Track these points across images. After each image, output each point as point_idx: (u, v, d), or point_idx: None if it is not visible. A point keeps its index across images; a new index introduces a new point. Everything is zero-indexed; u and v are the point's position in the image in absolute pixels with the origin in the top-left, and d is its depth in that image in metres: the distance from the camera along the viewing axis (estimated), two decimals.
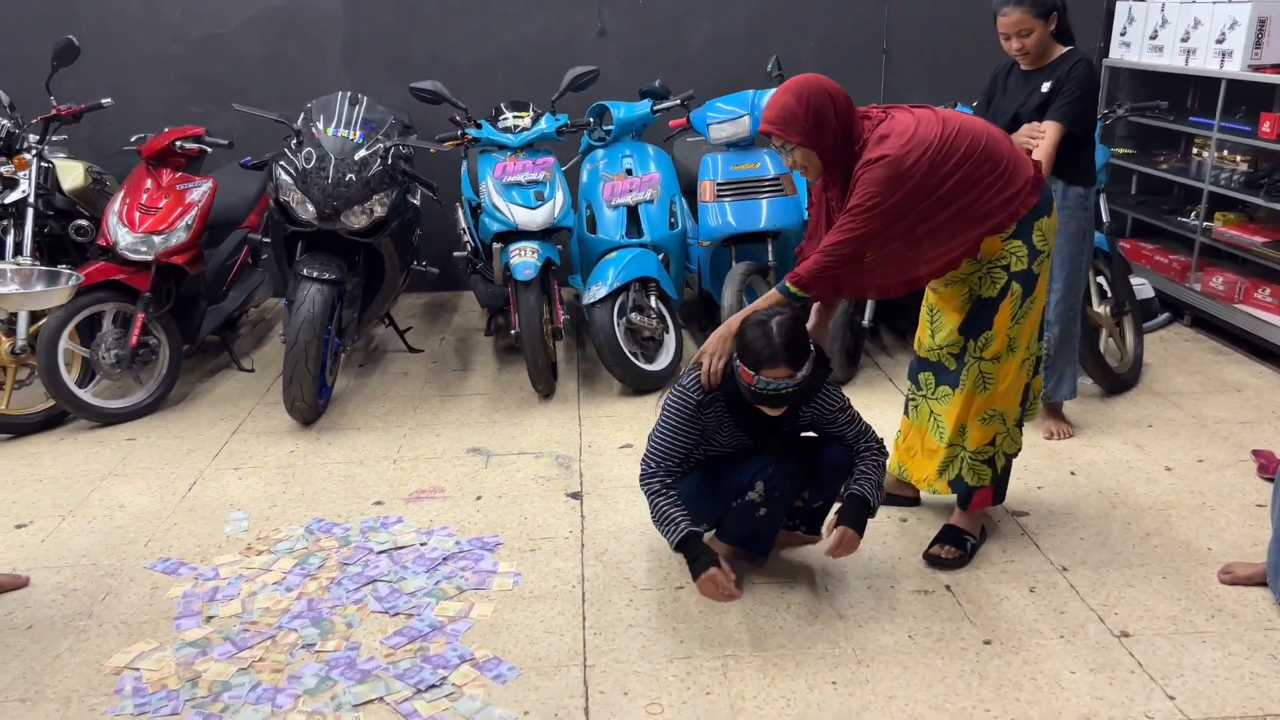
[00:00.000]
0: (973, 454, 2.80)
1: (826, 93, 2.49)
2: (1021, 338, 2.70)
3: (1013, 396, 2.77)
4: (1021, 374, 2.76)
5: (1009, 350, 2.70)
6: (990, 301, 2.66)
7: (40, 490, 3.41)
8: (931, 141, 2.47)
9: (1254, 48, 4.44)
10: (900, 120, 2.51)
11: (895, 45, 5.39)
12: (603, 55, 5.04)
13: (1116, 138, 5.53)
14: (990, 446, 2.80)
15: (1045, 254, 2.67)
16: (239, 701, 2.34)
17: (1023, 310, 2.66)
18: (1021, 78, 3.36)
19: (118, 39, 5.10)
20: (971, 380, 2.73)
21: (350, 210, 3.76)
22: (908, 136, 2.46)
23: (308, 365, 3.69)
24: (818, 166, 2.56)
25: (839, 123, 2.49)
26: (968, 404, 2.76)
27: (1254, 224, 4.70)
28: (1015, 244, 2.62)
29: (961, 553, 2.85)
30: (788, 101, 2.48)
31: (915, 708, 2.27)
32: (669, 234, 4.34)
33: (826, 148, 2.51)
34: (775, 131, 2.51)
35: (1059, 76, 3.22)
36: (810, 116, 2.47)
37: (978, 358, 2.71)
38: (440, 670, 2.43)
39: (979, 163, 2.51)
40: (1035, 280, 2.66)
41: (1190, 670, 2.39)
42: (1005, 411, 2.77)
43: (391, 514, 3.20)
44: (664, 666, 2.43)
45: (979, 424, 2.77)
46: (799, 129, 2.48)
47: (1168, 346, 4.62)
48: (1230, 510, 3.13)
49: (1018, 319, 2.67)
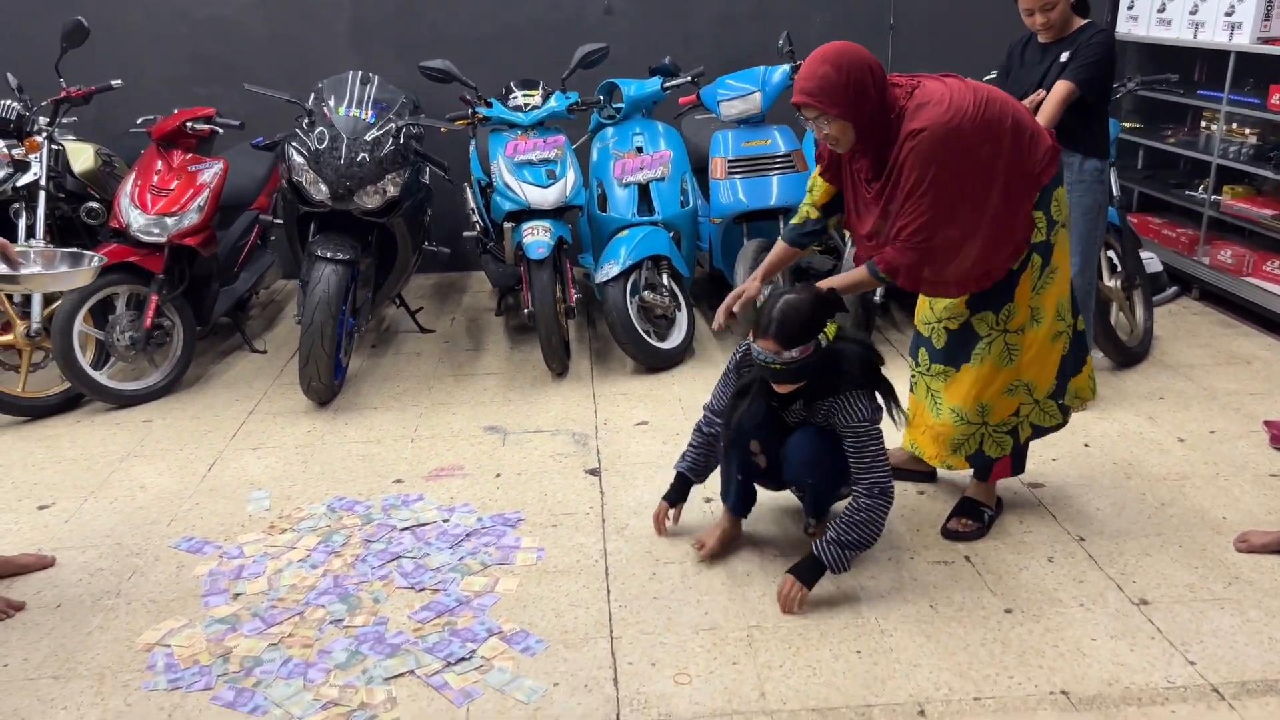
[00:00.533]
0: (995, 427, 2.78)
1: (865, 63, 2.43)
2: (1045, 308, 2.69)
3: (1040, 368, 2.74)
4: (1051, 346, 2.72)
5: (1033, 321, 2.69)
6: (1011, 273, 2.64)
7: (60, 472, 3.43)
8: (968, 107, 2.43)
9: (1263, 20, 4.43)
10: (932, 88, 2.47)
11: (901, 20, 5.37)
12: (610, 33, 5.02)
13: (1124, 112, 5.53)
14: (1014, 417, 2.78)
15: (1060, 224, 2.66)
16: (271, 676, 2.36)
17: (1042, 280, 2.66)
18: (1039, 50, 3.36)
19: (123, 20, 5.08)
20: (996, 353, 2.69)
21: (363, 190, 3.76)
22: (946, 104, 2.42)
23: (323, 345, 3.70)
24: (851, 139, 2.50)
25: (877, 94, 2.44)
26: (990, 379, 2.71)
27: (1262, 197, 4.71)
28: (1036, 214, 2.60)
29: (979, 525, 2.87)
30: (827, 72, 2.40)
31: (939, 675, 2.30)
32: (680, 212, 4.35)
33: (864, 120, 2.45)
34: (813, 103, 2.43)
35: (1079, 44, 3.23)
36: (851, 87, 2.40)
37: (1002, 330, 2.67)
38: (469, 644, 2.45)
39: (1013, 130, 2.49)
40: (1052, 250, 2.65)
41: (1210, 636, 2.42)
42: (1031, 382, 2.74)
43: (412, 492, 3.23)
44: (690, 638, 2.46)
45: (1004, 396, 2.74)
46: (839, 100, 2.41)
47: (1177, 320, 4.64)
48: (1244, 480, 3.16)
49: (1038, 289, 2.66)
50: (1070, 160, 3.28)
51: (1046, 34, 3.31)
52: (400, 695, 2.29)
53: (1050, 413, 2.82)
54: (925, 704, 2.22)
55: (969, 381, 2.73)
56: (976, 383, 2.73)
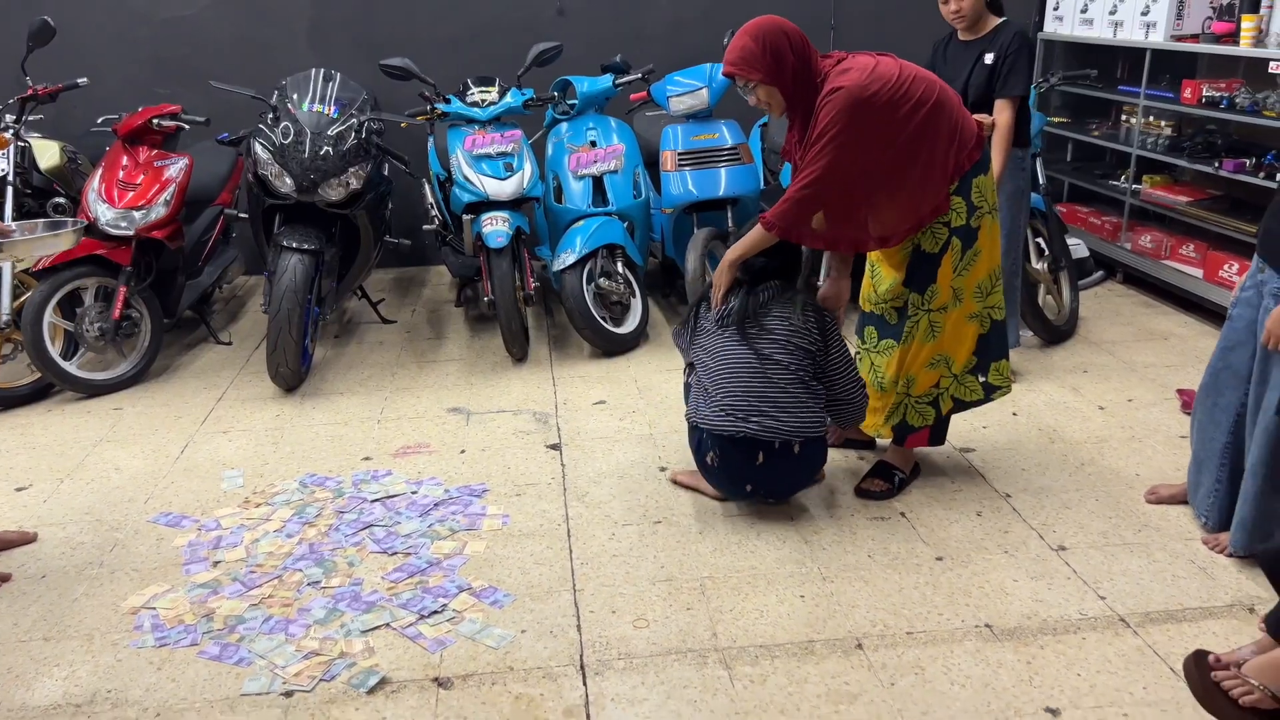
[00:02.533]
0: (917, 398, 3.01)
1: (781, 30, 2.68)
2: (966, 289, 2.91)
3: (957, 343, 2.96)
4: (969, 324, 2.95)
5: (955, 300, 2.91)
6: (933, 256, 2.85)
7: (35, 456, 3.53)
8: (890, 79, 2.64)
9: (1175, 19, 4.74)
10: (861, 59, 2.70)
11: (842, 20, 5.62)
12: (564, 33, 5.21)
13: (1052, 107, 5.83)
14: (935, 389, 3.01)
15: (983, 210, 2.87)
16: (254, 632, 2.51)
17: (964, 263, 2.88)
18: (960, 48, 3.60)
19: (85, 21, 5.17)
20: (921, 331, 2.92)
21: (327, 183, 3.91)
22: (868, 71, 2.63)
23: (291, 332, 3.84)
24: (780, 103, 2.74)
25: (795, 58, 2.67)
26: (915, 353, 2.94)
27: (1179, 185, 5.02)
28: (956, 200, 2.82)
29: (889, 486, 3.09)
30: (746, 43, 2.68)
31: (875, 614, 2.52)
32: (633, 203, 4.54)
33: (787, 83, 2.69)
34: (737, 71, 2.70)
35: (1000, 48, 3.47)
36: (768, 54, 2.65)
37: (926, 309, 2.90)
38: (441, 599, 2.62)
39: (934, 110, 2.69)
40: (975, 235, 2.86)
41: (1119, 575, 2.66)
42: (950, 356, 2.97)
43: (381, 468, 3.38)
44: (647, 588, 2.65)
45: (926, 369, 2.97)
46: (759, 66, 2.67)
47: (1102, 301, 4.93)
48: (1156, 441, 3.42)
49: (960, 271, 2.88)
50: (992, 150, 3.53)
51: (961, 25, 3.55)
52: (377, 645, 2.45)
53: (971, 387, 3.03)
54: (862, 639, 2.43)
55: (897, 355, 2.96)
56: (904, 356, 2.96)
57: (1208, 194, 4.85)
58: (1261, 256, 2.63)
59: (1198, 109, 4.60)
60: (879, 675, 2.30)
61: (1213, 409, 2.79)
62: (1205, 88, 4.55)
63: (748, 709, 2.20)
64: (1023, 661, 2.33)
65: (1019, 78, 3.45)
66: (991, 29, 3.52)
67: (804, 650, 2.39)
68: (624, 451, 3.43)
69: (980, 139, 2.84)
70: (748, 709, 2.20)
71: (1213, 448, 2.80)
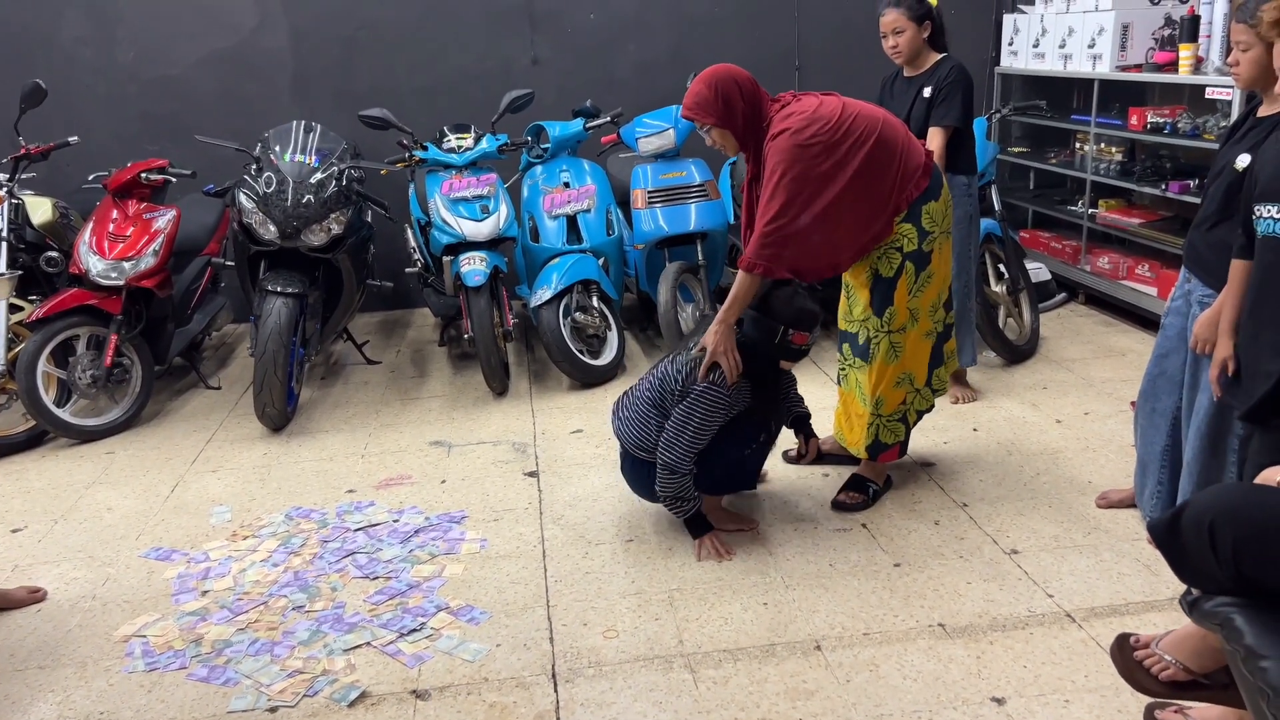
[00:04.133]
0: (887, 417, 3.18)
1: (732, 78, 2.92)
2: (922, 309, 3.08)
3: (919, 359, 3.14)
4: (925, 341, 3.14)
5: (912, 320, 3.08)
6: (889, 280, 3.03)
7: (30, 499, 3.65)
8: (830, 119, 2.85)
9: (1120, 50, 4.96)
10: (805, 102, 2.93)
11: (806, 60, 5.85)
12: (537, 81, 5.42)
13: (1013, 138, 6.05)
14: (903, 405, 3.18)
15: (935, 234, 3.04)
16: (240, 654, 2.62)
17: (918, 285, 3.05)
18: (905, 83, 3.80)
19: (74, 82, 5.37)
20: (883, 353, 3.09)
21: (309, 229, 4.08)
22: (808, 114, 2.86)
23: (276, 372, 3.98)
24: (734, 144, 2.98)
25: (745, 103, 2.91)
26: (881, 374, 3.11)
27: (1132, 208, 5.21)
28: (906, 227, 2.99)
29: (864, 497, 3.24)
30: (701, 90, 2.92)
31: (835, 618, 2.64)
32: (607, 240, 4.72)
33: (739, 126, 2.93)
34: (693, 116, 2.95)
35: (936, 81, 3.67)
36: (719, 99, 2.90)
37: (886, 331, 3.07)
38: (420, 618, 2.74)
39: (876, 146, 2.88)
40: (928, 258, 3.04)
41: (1068, 575, 2.79)
42: (913, 373, 3.15)
43: (364, 499, 3.50)
44: (617, 602, 2.77)
45: (892, 388, 3.14)
46: (712, 111, 2.91)
47: (1064, 322, 5.10)
48: (1110, 451, 3.56)
49: (914, 293, 3.05)
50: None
51: (900, 60, 3.75)
52: (358, 662, 2.57)
53: (925, 397, 3.23)
54: (821, 640, 2.55)
55: (872, 376, 3.12)
56: (872, 377, 3.12)
57: (1159, 215, 5.04)
58: (1187, 268, 2.79)
59: (1144, 135, 4.79)
60: (835, 673, 2.41)
61: (1151, 414, 2.94)
62: (1150, 114, 4.75)
63: (710, 708, 2.32)
64: (972, 656, 2.45)
65: (950, 107, 3.64)
66: (932, 64, 3.72)
67: (765, 653, 2.50)
68: (599, 476, 3.56)
69: (928, 167, 3.02)
70: (710, 708, 2.32)
71: (1154, 450, 2.94)
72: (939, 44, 3.73)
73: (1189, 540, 1.80)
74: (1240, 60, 2.51)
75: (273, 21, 5.49)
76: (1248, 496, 1.80)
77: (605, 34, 5.73)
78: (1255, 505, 1.76)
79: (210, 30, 5.46)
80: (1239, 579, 1.74)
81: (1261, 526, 1.72)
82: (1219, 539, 1.74)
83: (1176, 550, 1.84)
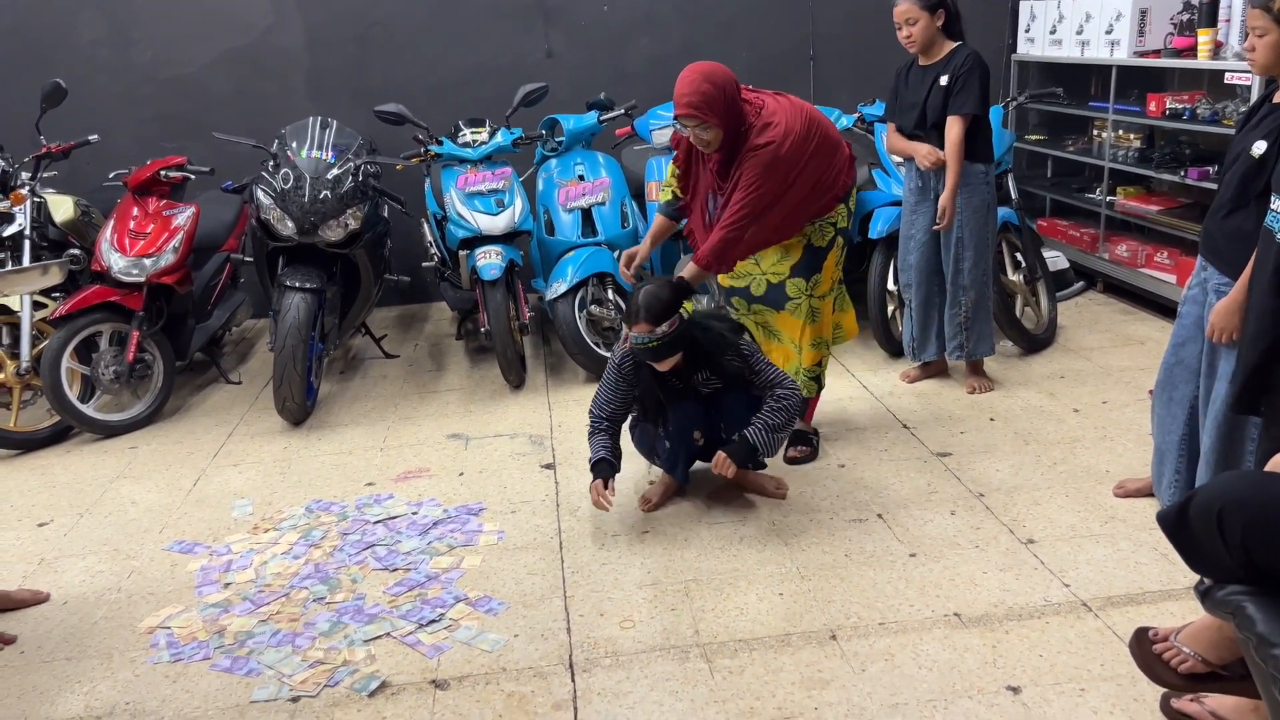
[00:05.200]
0: (806, 370, 3.43)
1: (731, 78, 2.95)
2: (834, 280, 3.40)
3: (829, 325, 3.47)
4: (826, 304, 3.42)
5: (830, 291, 3.39)
6: (821, 250, 3.29)
7: (55, 494, 3.71)
8: (799, 132, 3.00)
9: (1138, 36, 4.91)
10: (771, 108, 3.01)
11: (821, 51, 5.83)
12: (550, 74, 5.43)
13: (1030, 125, 6.01)
14: (818, 366, 3.47)
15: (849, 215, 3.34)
16: (262, 645, 2.66)
17: (840, 258, 3.37)
18: (920, 73, 3.78)
19: (93, 82, 5.41)
20: (805, 314, 3.34)
21: (327, 224, 4.11)
22: (783, 128, 2.96)
23: (295, 367, 4.02)
24: (720, 142, 3.01)
25: (739, 105, 2.97)
26: (803, 331, 3.37)
27: (1151, 195, 5.17)
28: (840, 207, 3.25)
29: (810, 448, 3.53)
30: (706, 88, 2.89)
31: (850, 607, 2.65)
32: (621, 232, 4.72)
33: (730, 127, 2.97)
34: (698, 115, 2.92)
35: (953, 70, 3.66)
36: (724, 99, 2.92)
37: (809, 295, 3.32)
38: (439, 609, 2.77)
39: (824, 142, 3.09)
40: (848, 234, 3.36)
41: (1085, 564, 2.79)
42: (825, 338, 3.47)
43: (383, 492, 3.54)
44: (634, 592, 2.79)
45: (810, 348, 3.41)
46: (717, 111, 2.92)
47: (1082, 310, 5.07)
48: (1128, 440, 3.55)
49: (838, 264, 3.37)
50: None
51: (914, 49, 3.74)
52: (379, 653, 2.60)
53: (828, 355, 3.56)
54: (837, 630, 2.56)
55: (787, 326, 3.36)
56: (793, 330, 3.36)
57: (1179, 202, 4.99)
58: (1203, 256, 2.77)
59: (1162, 121, 4.76)
60: (851, 663, 2.42)
61: (1169, 403, 2.93)
62: (1169, 100, 4.71)
63: (725, 697, 2.33)
64: (988, 645, 2.46)
65: (969, 95, 3.63)
66: (947, 53, 3.70)
67: (781, 642, 2.52)
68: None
69: (853, 158, 3.30)
70: (725, 697, 2.33)
71: (1171, 439, 2.93)
72: (954, 32, 3.72)
73: (1198, 529, 1.79)
74: (1256, 46, 2.49)
75: (287, 20, 5.53)
76: (1256, 484, 1.80)
77: (618, 27, 5.73)
78: (1264, 493, 1.76)
79: (225, 30, 5.50)
80: (1249, 567, 1.73)
81: (1270, 514, 1.71)
82: (1228, 527, 1.73)
83: (1186, 539, 1.84)
